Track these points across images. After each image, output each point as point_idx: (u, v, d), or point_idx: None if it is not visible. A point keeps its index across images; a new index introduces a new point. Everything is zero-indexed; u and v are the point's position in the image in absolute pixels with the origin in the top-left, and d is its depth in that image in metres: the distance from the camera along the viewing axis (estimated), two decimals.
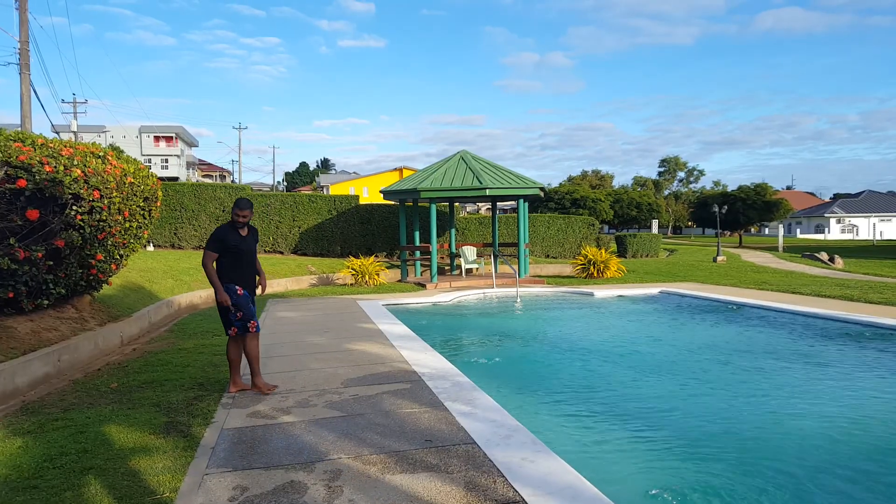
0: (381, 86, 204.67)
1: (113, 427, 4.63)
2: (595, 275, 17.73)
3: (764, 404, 5.76)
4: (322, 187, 62.94)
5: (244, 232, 5.66)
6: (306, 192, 28.00)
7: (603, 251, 18.59)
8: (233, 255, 5.56)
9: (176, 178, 55.61)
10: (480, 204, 51.55)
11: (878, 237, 61.11)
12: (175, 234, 20.03)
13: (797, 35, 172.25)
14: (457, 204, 23.90)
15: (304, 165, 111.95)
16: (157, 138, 63.47)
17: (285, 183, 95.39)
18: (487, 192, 16.38)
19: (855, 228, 69.76)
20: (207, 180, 70.97)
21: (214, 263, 5.55)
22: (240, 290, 5.57)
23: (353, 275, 16.44)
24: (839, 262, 30.22)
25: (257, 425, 4.60)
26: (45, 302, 7.23)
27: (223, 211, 20.31)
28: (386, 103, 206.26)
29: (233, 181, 73.53)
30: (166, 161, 63.07)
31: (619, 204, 52.22)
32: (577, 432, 5.02)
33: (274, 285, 16.24)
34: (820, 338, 8.68)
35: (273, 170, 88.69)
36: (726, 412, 5.55)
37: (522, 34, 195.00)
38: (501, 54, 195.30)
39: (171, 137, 64.03)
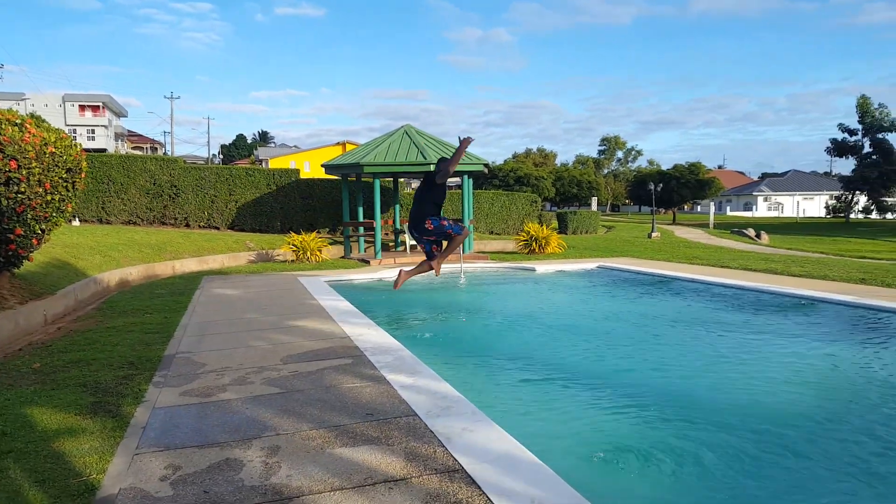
0: (320, 57, 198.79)
1: (35, 409, 4.39)
2: (537, 250, 18.02)
3: (698, 369, 6.02)
4: (261, 161, 61.09)
5: None
6: (243, 166, 27.13)
7: (544, 228, 18.89)
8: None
9: (104, 150, 52.83)
10: None
11: (801, 214, 64.72)
12: (102, 208, 19.07)
13: (731, 17, 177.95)
14: (401, 179, 23.69)
15: (241, 138, 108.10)
16: (82, 107, 60.06)
17: (221, 156, 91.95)
18: (432, 168, 16.26)
19: (780, 206, 73.65)
20: (137, 152, 67.74)
21: None
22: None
23: (293, 251, 16.11)
24: (765, 237, 31.86)
25: (191, 403, 4.46)
26: None
27: (154, 184, 19.44)
28: (326, 75, 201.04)
29: (165, 153, 70.46)
30: (93, 132, 59.83)
31: (561, 182, 53.14)
32: (517, 402, 5.12)
33: (210, 262, 15.75)
34: (746, 308, 9.13)
35: (208, 142, 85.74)
36: (662, 377, 5.77)
37: (466, 8, 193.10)
38: (445, 28, 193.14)
39: (98, 107, 60.72)
